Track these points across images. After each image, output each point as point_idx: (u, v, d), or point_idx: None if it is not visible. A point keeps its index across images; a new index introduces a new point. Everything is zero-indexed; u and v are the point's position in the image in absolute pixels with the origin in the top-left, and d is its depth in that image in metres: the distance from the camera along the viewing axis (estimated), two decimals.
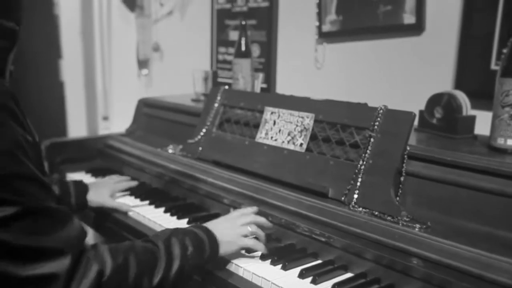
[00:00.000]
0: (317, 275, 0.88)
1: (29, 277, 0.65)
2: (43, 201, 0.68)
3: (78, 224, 0.73)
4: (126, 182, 1.37)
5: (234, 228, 0.97)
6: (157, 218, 1.21)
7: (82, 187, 1.27)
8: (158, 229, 1.16)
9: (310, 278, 0.88)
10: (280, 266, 0.93)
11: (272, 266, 0.94)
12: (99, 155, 1.70)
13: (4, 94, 0.67)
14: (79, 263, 0.70)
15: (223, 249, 0.94)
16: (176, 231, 0.90)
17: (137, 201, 1.33)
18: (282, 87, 1.76)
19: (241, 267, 0.94)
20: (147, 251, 0.82)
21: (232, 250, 0.95)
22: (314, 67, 1.65)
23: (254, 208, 1.05)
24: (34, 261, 0.65)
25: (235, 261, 0.96)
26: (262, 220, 1.01)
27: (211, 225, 0.96)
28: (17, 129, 0.68)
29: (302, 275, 0.89)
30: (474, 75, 1.25)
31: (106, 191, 1.29)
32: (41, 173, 0.71)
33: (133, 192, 1.38)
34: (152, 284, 0.80)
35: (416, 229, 0.88)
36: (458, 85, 1.28)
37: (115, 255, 0.76)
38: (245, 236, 0.97)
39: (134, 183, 1.38)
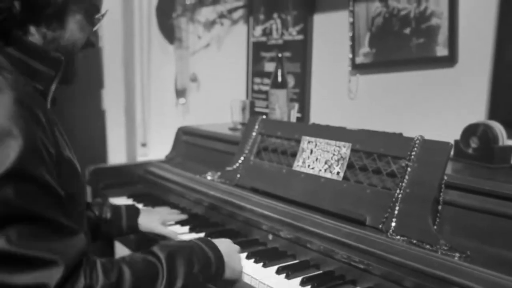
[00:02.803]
0: None
1: (19, 285, 0.64)
2: (47, 209, 0.67)
3: (83, 241, 0.72)
4: (177, 215, 1.41)
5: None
6: None
7: (133, 211, 1.31)
8: None
9: None
10: None
11: None
12: (140, 181, 1.77)
13: (33, 99, 0.71)
14: (69, 278, 0.68)
15: (229, 274, 0.92)
16: (180, 244, 0.88)
17: (177, 226, 1.39)
18: (316, 117, 1.81)
19: None
20: (147, 266, 0.79)
21: (236, 276, 0.95)
22: (348, 97, 1.70)
23: None
24: (25, 269, 0.64)
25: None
26: None
27: (218, 242, 0.94)
28: (39, 134, 0.69)
29: None
30: (508, 105, 1.27)
31: (157, 218, 1.32)
32: (60, 187, 0.70)
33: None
34: None
35: (456, 258, 0.90)
36: (492, 115, 1.30)
37: (108, 271, 0.73)
38: None
39: (184, 216, 1.40)
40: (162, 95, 2.64)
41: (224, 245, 0.95)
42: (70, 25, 0.83)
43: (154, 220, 1.32)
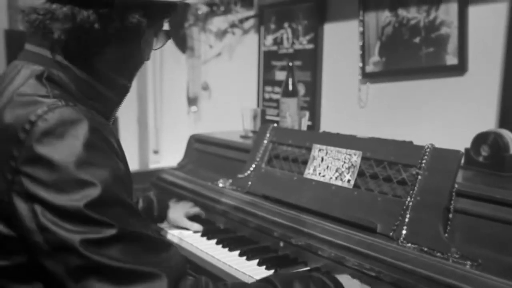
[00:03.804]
0: None
1: None
2: (140, 228, 0.70)
3: (177, 252, 0.73)
4: (198, 208, 1.51)
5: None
6: (209, 249, 1.27)
7: (164, 204, 1.46)
8: (210, 260, 1.23)
9: None
10: None
11: None
12: (153, 188, 1.80)
13: (108, 130, 0.72)
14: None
15: None
16: (299, 274, 0.87)
17: (190, 232, 1.41)
18: (327, 125, 1.83)
19: None
20: None
21: None
22: (358, 105, 1.71)
23: None
24: (129, 283, 0.66)
25: None
26: None
27: (336, 275, 0.92)
28: (118, 162, 0.72)
29: None
30: None
31: (181, 212, 1.44)
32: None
33: None
34: None
35: (467, 266, 0.90)
36: (502, 123, 1.30)
37: None
38: None
39: (202, 212, 1.51)
40: (174, 103, 2.68)
41: (344, 278, 0.93)
42: (142, 46, 0.81)
43: (180, 213, 1.43)
